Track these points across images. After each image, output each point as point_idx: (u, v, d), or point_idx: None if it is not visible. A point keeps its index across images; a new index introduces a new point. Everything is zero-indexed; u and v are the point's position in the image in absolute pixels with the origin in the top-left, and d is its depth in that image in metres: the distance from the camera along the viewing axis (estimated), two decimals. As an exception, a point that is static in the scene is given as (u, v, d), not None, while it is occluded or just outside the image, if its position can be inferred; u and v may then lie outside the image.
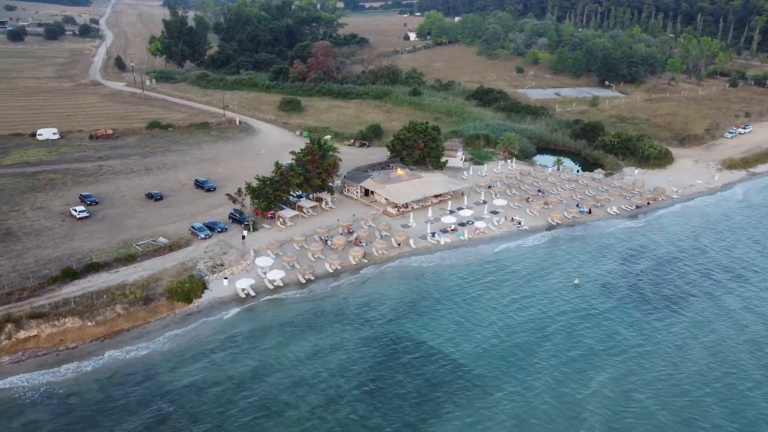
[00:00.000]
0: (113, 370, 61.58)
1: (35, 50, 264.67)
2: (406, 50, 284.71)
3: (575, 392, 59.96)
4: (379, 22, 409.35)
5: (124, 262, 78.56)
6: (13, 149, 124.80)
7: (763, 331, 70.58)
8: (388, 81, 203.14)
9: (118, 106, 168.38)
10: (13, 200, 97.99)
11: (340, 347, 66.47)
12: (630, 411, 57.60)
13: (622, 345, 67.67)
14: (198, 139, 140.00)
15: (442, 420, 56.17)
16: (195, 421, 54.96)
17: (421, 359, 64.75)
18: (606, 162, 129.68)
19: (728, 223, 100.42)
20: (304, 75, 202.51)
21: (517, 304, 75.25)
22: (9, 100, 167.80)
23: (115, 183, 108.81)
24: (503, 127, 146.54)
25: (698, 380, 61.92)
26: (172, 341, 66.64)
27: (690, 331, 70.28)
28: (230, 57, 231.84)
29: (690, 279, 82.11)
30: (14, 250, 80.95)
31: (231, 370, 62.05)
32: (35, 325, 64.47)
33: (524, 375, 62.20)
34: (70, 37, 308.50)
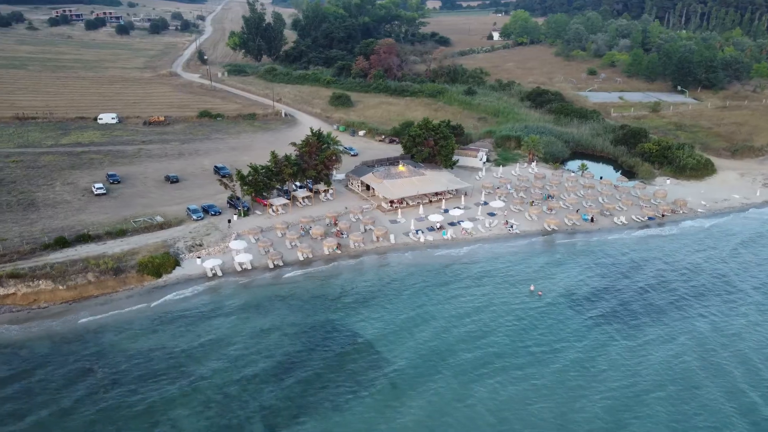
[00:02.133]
0: (71, 330, 67.89)
1: (135, 43, 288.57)
2: (482, 50, 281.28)
3: (487, 399, 58.72)
4: (471, 22, 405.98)
5: (114, 235, 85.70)
6: (73, 131, 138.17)
7: (723, 361, 64.93)
8: (448, 80, 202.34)
9: (183, 95, 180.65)
10: (51, 175, 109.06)
11: (277, 330, 68.99)
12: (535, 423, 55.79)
13: (560, 358, 65.01)
14: (240, 129, 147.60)
15: (340, 410, 57.13)
16: (114, 383, 59.67)
17: (348, 350, 65.84)
18: (640, 170, 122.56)
19: (744, 245, 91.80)
20: (366, 72, 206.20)
21: (467, 307, 74.00)
22: (91, 87, 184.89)
23: (145, 165, 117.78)
24: (541, 130, 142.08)
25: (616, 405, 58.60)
26: (132, 310, 72.18)
27: (636, 353, 66.09)
28: (303, 53, 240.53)
29: (663, 299, 76.41)
30: (29, 218, 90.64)
31: (169, 341, 66.37)
32: (13, 284, 72.45)
33: (442, 379, 61.50)
34: (171, 31, 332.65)
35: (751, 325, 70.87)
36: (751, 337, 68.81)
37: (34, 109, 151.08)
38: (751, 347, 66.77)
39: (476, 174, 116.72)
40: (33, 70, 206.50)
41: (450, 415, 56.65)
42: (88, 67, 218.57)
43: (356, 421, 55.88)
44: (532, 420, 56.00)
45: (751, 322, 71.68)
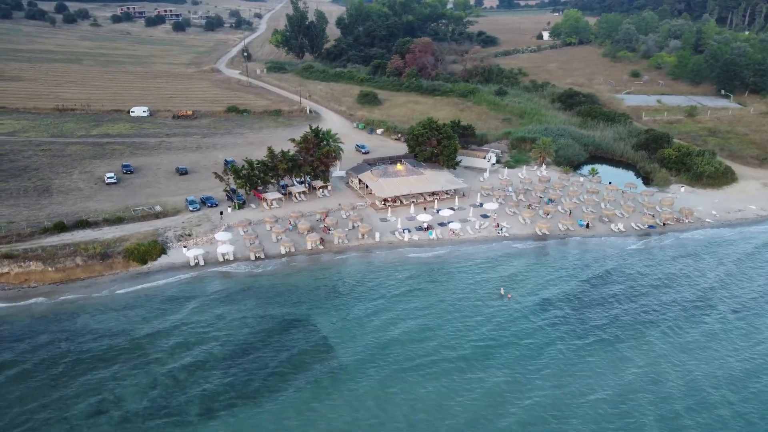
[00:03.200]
0: (51, 309, 72.38)
1: (189, 40, 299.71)
2: (527, 50, 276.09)
3: (437, 400, 59.10)
4: (526, 21, 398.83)
5: (111, 222, 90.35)
6: (105, 122, 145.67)
7: (668, 382, 62.37)
8: (482, 79, 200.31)
9: (219, 91, 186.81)
10: (72, 164, 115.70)
11: (239, 319, 71.28)
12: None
13: (515, 364, 64.33)
14: (263, 125, 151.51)
15: (276, 399, 58.72)
16: (76, 360, 63.33)
17: (301, 342, 67.38)
18: (657, 177, 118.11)
19: (738, 261, 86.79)
20: (401, 70, 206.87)
21: (430, 307, 74.23)
22: (135, 81, 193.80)
23: (162, 157, 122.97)
24: (561, 132, 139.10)
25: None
26: (112, 294, 76.24)
27: (575, 363, 64.65)
28: (343, 51, 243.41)
29: (633, 313, 73.83)
30: (40, 204, 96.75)
31: (136, 324, 69.70)
32: (7, 264, 77.82)
33: (381, 375, 62.16)
34: (226, 29, 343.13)
35: (699, 348, 67.55)
36: (699, 357, 66.00)
37: (76, 102, 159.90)
38: (701, 372, 63.66)
39: (481, 175, 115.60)
40: (86, 64, 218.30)
41: (381, 410, 57.32)
42: (138, 63, 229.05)
43: (289, 409, 57.42)
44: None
45: (702, 345, 68.26)
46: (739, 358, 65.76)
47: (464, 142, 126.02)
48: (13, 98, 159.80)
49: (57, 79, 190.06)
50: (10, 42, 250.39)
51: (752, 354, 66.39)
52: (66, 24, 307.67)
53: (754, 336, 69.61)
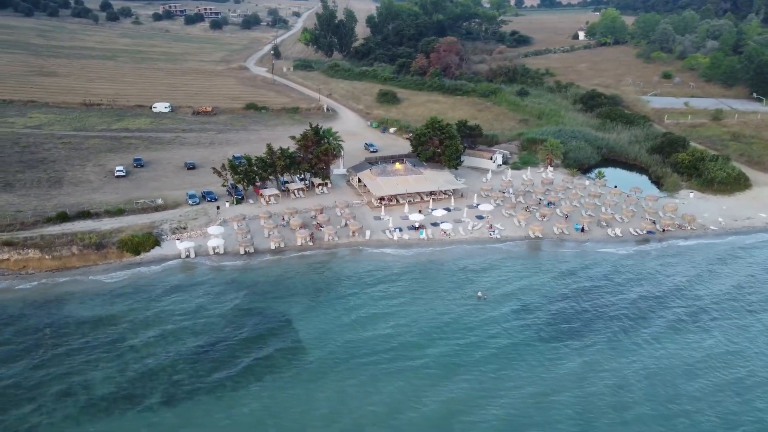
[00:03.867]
0: (43, 295, 75.69)
1: (224, 38, 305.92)
2: (559, 50, 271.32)
3: (391, 396, 59.71)
4: (565, 20, 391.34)
5: (112, 214, 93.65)
6: (127, 117, 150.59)
7: (631, 392, 61.11)
8: (506, 79, 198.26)
9: (243, 88, 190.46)
10: (87, 157, 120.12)
11: (216, 311, 73.13)
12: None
13: (476, 364, 64.16)
14: (278, 122, 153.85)
15: (237, 390, 60.12)
16: (55, 344, 66.14)
17: (272, 337, 68.67)
18: (667, 181, 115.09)
19: (732, 273, 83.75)
20: (425, 70, 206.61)
21: (403, 306, 74.64)
22: (164, 78, 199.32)
23: (174, 152, 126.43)
24: (575, 134, 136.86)
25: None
26: (102, 282, 79.21)
27: (552, 371, 64.10)
28: (371, 49, 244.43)
29: (609, 321, 72.37)
30: (49, 194, 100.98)
31: (119, 313, 72.16)
32: (7, 251, 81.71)
33: (351, 373, 62.82)
34: (262, 27, 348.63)
35: (666, 356, 66.09)
36: (660, 365, 64.68)
37: (105, 97, 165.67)
38: (660, 379, 62.49)
39: (485, 176, 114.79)
40: (120, 61, 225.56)
41: (337, 403, 58.11)
42: (171, 60, 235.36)
43: (247, 400, 58.68)
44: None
45: (669, 352, 66.90)
46: (707, 366, 63.95)
47: (471, 143, 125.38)
48: (45, 93, 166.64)
49: (90, 74, 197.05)
50: (53, 39, 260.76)
51: (717, 363, 64.45)
52: (109, 22, 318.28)
53: (727, 347, 67.47)
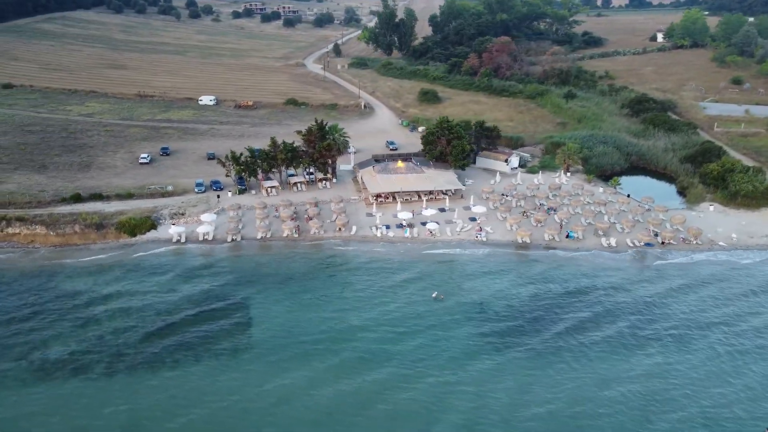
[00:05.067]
0: (38, 267, 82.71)
1: (294, 35, 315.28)
2: (630, 51, 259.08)
3: (309, 386, 61.00)
4: (647, 21, 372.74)
5: (122, 197, 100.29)
6: (174, 109, 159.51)
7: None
8: (558, 81, 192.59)
9: (292, 84, 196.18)
10: (122, 144, 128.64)
11: (187, 293, 76.96)
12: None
13: (422, 368, 64.13)
14: (311, 118, 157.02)
15: (174, 370, 63.25)
16: (33, 313, 72.18)
17: (229, 321, 71.51)
18: (690, 193, 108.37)
19: (722, 298, 77.47)
20: (476, 70, 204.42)
21: (360, 302, 75.57)
22: (223, 73, 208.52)
23: (203, 142, 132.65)
24: (605, 139, 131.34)
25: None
26: (95, 259, 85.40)
27: (487, 380, 62.75)
28: (428, 48, 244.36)
29: (563, 334, 69.43)
30: (76, 177, 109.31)
31: (98, 287, 77.60)
32: (18, 225, 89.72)
33: (284, 363, 64.37)
34: (335, 25, 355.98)
35: (618, 380, 62.33)
36: (591, 382, 61.65)
37: (162, 89, 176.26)
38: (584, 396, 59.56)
39: (494, 178, 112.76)
40: (189, 56, 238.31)
41: (264, 391, 60.00)
42: (236, 56, 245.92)
43: (182, 379, 61.70)
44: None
45: (626, 376, 63.09)
46: (651, 390, 60.37)
47: (489, 144, 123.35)
48: (108, 84, 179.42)
49: (156, 68, 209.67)
50: (134, 34, 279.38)
51: (640, 383, 60.72)
52: (190, 19, 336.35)
53: (655, 367, 63.48)
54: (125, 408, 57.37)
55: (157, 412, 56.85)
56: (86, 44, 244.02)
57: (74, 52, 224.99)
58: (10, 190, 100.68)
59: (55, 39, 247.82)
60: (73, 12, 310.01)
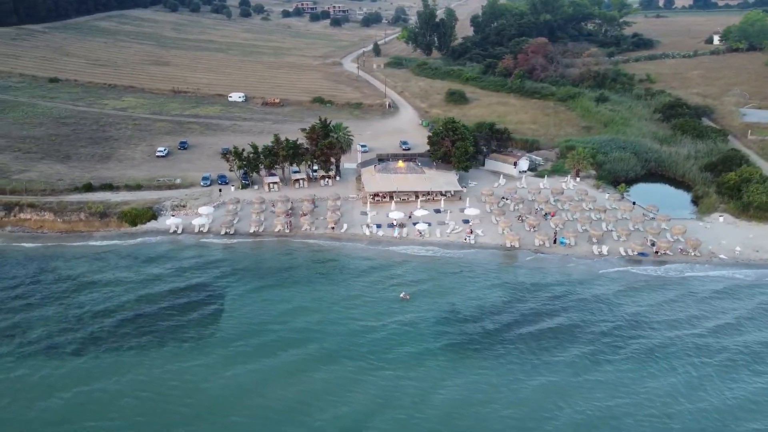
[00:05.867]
0: (39, 252, 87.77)
1: (339, 34, 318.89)
2: (678, 54, 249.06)
3: (261, 382, 62.49)
4: (707, 23, 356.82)
5: (131, 188, 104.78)
6: (203, 105, 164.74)
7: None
8: (593, 84, 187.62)
9: (324, 82, 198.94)
10: (146, 138, 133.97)
11: (170, 282, 79.95)
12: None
13: (361, 359, 64.65)
14: (336, 116, 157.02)
15: (138, 355, 65.90)
16: (25, 294, 76.76)
17: (202, 311, 73.85)
18: (703, 202, 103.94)
19: (698, 312, 74.21)
20: (511, 71, 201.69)
21: (330, 296, 76.67)
22: (259, 71, 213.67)
23: (222, 137, 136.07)
24: (623, 145, 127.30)
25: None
26: (94, 246, 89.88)
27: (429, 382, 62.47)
28: (467, 49, 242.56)
29: (528, 341, 68.21)
30: (94, 167, 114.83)
31: (88, 272, 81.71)
32: (29, 212, 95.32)
33: (241, 357, 65.67)
34: (383, 24, 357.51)
35: (573, 392, 60.64)
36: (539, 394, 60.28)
37: (198, 86, 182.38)
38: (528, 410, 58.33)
39: (497, 180, 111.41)
40: (231, 54, 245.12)
41: (217, 382, 61.93)
42: (277, 54, 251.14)
43: (144, 364, 64.19)
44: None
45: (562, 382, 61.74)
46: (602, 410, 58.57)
47: (500, 146, 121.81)
48: (148, 80, 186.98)
49: (197, 65, 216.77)
50: (184, 32, 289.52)
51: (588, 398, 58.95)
52: (241, 17, 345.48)
53: (605, 381, 61.09)
54: (75, 391, 59.73)
55: (107, 394, 59.40)
56: (136, 41, 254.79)
57: (124, 49, 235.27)
58: (31, 178, 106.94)
59: (109, 36, 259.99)
60: (131, 10, 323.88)
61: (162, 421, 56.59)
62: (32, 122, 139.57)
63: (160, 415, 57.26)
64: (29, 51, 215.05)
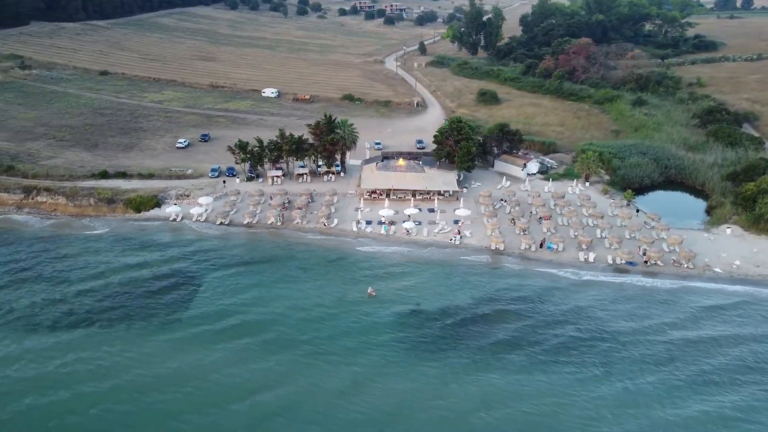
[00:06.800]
0: (45, 231, 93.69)
1: (389, 33, 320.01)
2: (739, 58, 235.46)
3: (207, 367, 64.79)
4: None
5: (143, 177, 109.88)
6: (236, 99, 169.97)
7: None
8: (636, 87, 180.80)
9: (360, 80, 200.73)
10: (173, 130, 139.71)
11: (155, 266, 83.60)
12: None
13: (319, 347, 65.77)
14: (361, 113, 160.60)
15: (103, 332, 69.49)
16: (20, 269, 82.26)
17: (175, 295, 76.92)
18: (715, 213, 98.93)
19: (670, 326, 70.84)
20: (551, 72, 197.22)
21: (298, 290, 77.93)
22: (300, 68, 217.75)
23: (246, 131, 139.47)
24: (645, 150, 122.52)
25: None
26: (100, 229, 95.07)
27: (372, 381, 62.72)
28: (513, 49, 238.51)
29: (485, 344, 67.35)
30: (116, 156, 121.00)
31: (84, 255, 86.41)
32: (45, 195, 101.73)
33: (205, 339, 68.63)
34: (437, 23, 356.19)
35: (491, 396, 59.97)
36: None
37: (238, 81, 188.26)
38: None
39: (501, 182, 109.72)
40: (277, 51, 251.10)
41: (165, 363, 64.65)
42: (323, 52, 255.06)
43: (110, 341, 67.73)
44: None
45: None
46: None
47: (512, 148, 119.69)
48: (191, 74, 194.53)
49: (241, 61, 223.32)
50: (239, 29, 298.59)
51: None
52: (297, 15, 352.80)
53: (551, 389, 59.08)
54: (34, 362, 63.88)
55: (66, 368, 63.08)
56: (190, 37, 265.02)
57: (176, 45, 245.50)
58: (56, 164, 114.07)
59: (166, 32, 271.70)
60: (192, 8, 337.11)
61: (107, 392, 59.80)
62: (73, 112, 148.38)
63: (107, 387, 60.46)
64: (89, 45, 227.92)
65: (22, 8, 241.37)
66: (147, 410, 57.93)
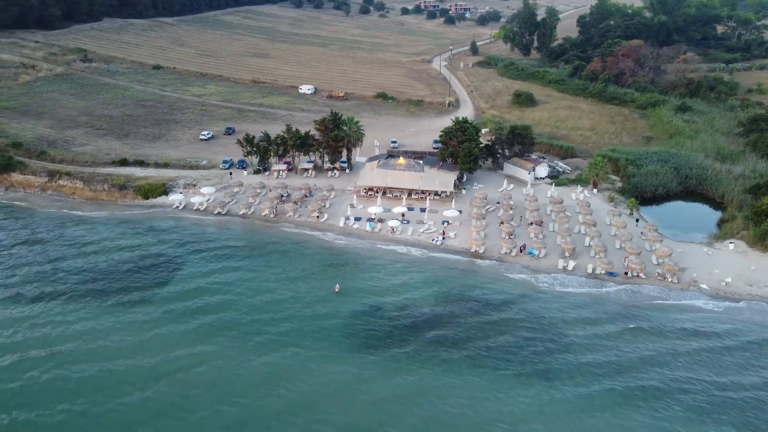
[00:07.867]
0: (54, 213, 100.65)
1: (447, 32, 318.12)
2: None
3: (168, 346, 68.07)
4: None
5: (159, 166, 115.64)
6: (273, 95, 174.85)
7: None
8: (686, 92, 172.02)
9: (401, 79, 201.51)
10: (203, 122, 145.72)
11: (147, 250, 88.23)
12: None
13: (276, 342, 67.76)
14: (390, 112, 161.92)
15: (83, 309, 74.23)
16: (18, 244, 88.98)
17: (158, 278, 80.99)
18: (724, 227, 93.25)
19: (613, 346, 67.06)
20: (598, 74, 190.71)
21: (267, 282, 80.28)
22: (346, 65, 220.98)
23: (272, 126, 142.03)
24: (667, 158, 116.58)
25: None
26: (112, 212, 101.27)
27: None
28: (565, 50, 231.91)
29: (440, 348, 67.18)
30: (142, 146, 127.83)
31: (89, 235, 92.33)
32: (66, 179, 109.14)
33: (169, 322, 72.20)
34: (501, 23, 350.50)
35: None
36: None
37: (283, 78, 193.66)
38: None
39: (503, 184, 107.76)
40: (330, 48, 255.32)
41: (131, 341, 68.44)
42: (374, 50, 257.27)
43: (88, 318, 72.24)
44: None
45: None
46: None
47: (522, 150, 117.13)
48: (238, 70, 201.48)
49: (291, 59, 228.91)
50: (298, 27, 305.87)
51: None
52: (359, 14, 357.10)
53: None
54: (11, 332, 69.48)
55: (35, 341, 67.96)
56: (250, 35, 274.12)
57: (234, 41, 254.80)
58: (85, 151, 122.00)
59: (228, 29, 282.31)
60: (258, 6, 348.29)
61: (65, 361, 64.17)
62: (116, 103, 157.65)
63: (66, 358, 64.84)
64: (151, 41, 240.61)
65: (96, 5, 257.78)
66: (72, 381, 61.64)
